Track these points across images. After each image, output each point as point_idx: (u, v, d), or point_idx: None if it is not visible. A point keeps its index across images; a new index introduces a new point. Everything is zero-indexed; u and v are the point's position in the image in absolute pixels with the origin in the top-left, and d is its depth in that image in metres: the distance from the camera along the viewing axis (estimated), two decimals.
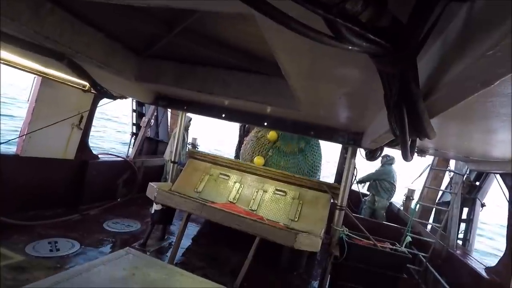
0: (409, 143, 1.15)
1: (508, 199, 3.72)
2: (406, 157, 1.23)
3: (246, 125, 9.12)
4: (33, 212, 4.51)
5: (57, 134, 4.76)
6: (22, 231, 3.99)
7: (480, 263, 4.35)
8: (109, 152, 7.02)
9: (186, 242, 4.88)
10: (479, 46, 0.65)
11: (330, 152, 8.74)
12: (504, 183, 3.86)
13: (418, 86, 0.92)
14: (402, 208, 7.91)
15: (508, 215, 3.66)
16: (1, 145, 4.29)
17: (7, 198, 4.11)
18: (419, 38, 0.75)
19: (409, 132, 1.14)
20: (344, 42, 0.65)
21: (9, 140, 4.37)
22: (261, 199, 4.66)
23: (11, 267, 3.18)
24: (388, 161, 7.26)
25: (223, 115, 4.25)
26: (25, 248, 3.62)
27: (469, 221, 5.41)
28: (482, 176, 5.37)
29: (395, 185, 7.21)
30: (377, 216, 7.19)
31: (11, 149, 4.51)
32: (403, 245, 4.33)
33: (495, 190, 4.88)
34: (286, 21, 0.55)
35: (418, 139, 1.28)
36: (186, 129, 7.89)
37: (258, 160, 5.98)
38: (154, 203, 4.33)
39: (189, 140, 8.61)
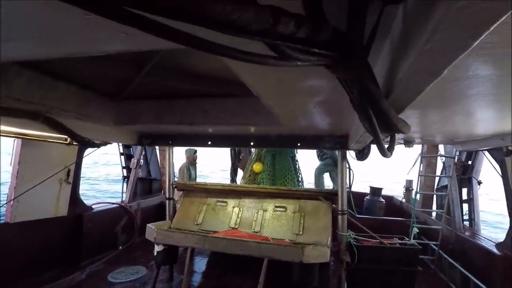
0: (382, 140, 1.17)
1: (500, 174, 3.77)
2: (384, 154, 1.25)
3: (237, 148, 9.15)
4: (33, 278, 4.35)
5: (45, 192, 4.66)
6: None
7: (490, 240, 4.34)
8: (103, 201, 6.89)
9: (196, 278, 4.76)
10: (418, 42, 0.69)
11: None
12: (493, 158, 3.92)
13: (377, 86, 0.95)
14: (404, 200, 7.91)
15: (504, 188, 3.70)
16: None
17: (4, 268, 3.96)
18: (363, 43, 0.78)
19: (382, 129, 1.16)
20: (291, 60, 0.67)
21: None
22: (262, 219, 4.61)
23: None
24: (323, 157, 7.81)
25: (209, 143, 4.26)
26: None
27: (470, 201, 5.43)
28: (473, 155, 5.45)
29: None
30: None
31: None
32: (411, 238, 4.30)
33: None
34: (227, 52, 0.57)
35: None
36: (193, 163, 7.73)
37: (257, 167, 6.18)
38: (155, 245, 4.23)
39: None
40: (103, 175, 25.78)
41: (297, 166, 6.61)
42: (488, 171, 4.60)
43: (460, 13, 0.53)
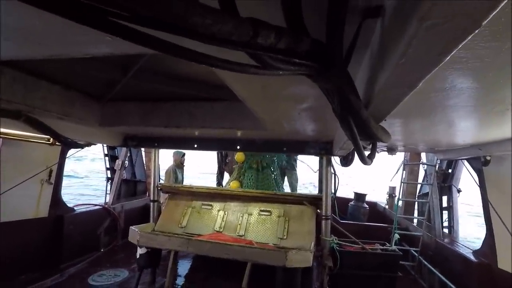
0: (363, 148, 1.21)
1: (477, 183, 3.89)
2: (364, 161, 1.28)
3: (223, 152, 9.11)
4: (11, 281, 4.20)
5: (25, 193, 4.52)
6: None
7: (467, 247, 4.46)
8: (85, 202, 6.74)
9: (179, 281, 4.70)
10: (393, 56, 0.72)
11: None
12: (472, 167, 4.05)
13: (358, 97, 0.98)
14: (387, 206, 8.05)
15: (481, 198, 3.82)
16: None
17: None
18: (343, 54, 0.82)
19: (363, 138, 1.20)
20: (272, 69, 0.70)
21: None
22: (247, 222, 4.61)
23: None
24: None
25: (195, 145, 4.25)
26: None
27: (450, 208, 5.58)
28: (453, 164, 5.61)
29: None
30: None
31: None
32: (393, 244, 4.38)
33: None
34: (208, 61, 0.59)
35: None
36: (180, 166, 7.65)
37: (234, 185, 6.27)
38: (138, 247, 4.17)
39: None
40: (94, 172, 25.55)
41: (279, 185, 6.71)
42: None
43: (429, 31, 0.57)
